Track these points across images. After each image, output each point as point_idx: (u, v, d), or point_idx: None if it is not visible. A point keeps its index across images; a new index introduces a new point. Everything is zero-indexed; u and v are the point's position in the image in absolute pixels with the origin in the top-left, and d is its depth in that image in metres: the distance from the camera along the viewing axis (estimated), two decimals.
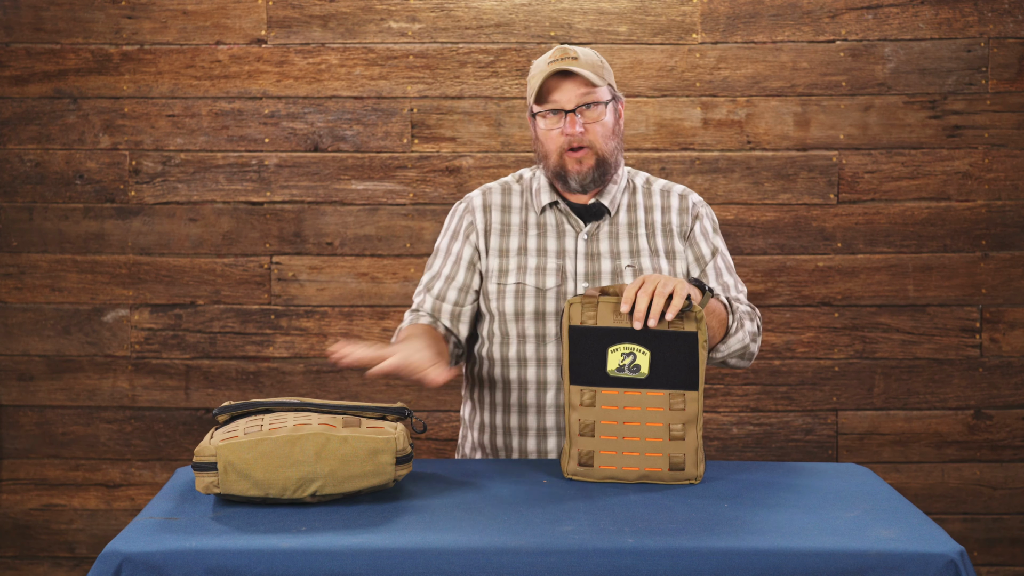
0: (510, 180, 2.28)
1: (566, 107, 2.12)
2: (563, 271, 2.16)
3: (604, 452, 1.84)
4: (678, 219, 2.22)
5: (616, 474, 1.85)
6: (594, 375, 1.84)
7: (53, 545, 3.30)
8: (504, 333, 2.18)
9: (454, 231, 2.25)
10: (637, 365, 1.83)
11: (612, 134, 2.16)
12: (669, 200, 2.24)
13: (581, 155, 2.13)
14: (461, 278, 2.20)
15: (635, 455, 1.83)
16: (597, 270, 2.17)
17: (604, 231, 2.20)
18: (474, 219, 2.23)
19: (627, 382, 1.83)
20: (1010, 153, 3.22)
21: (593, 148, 2.13)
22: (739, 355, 2.15)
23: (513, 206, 2.24)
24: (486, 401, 2.22)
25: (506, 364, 2.18)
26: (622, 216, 2.21)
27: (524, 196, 2.24)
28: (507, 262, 2.19)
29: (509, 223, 2.22)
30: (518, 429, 2.19)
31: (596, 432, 1.84)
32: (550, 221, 2.21)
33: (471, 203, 2.25)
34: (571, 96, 2.12)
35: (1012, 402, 3.24)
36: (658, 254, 2.19)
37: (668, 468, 1.83)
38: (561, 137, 2.13)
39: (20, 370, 3.28)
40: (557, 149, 2.14)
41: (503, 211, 2.23)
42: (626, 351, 1.84)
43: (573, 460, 1.86)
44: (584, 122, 2.12)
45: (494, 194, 2.25)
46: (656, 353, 1.83)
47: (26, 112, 3.26)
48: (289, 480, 1.68)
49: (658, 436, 1.83)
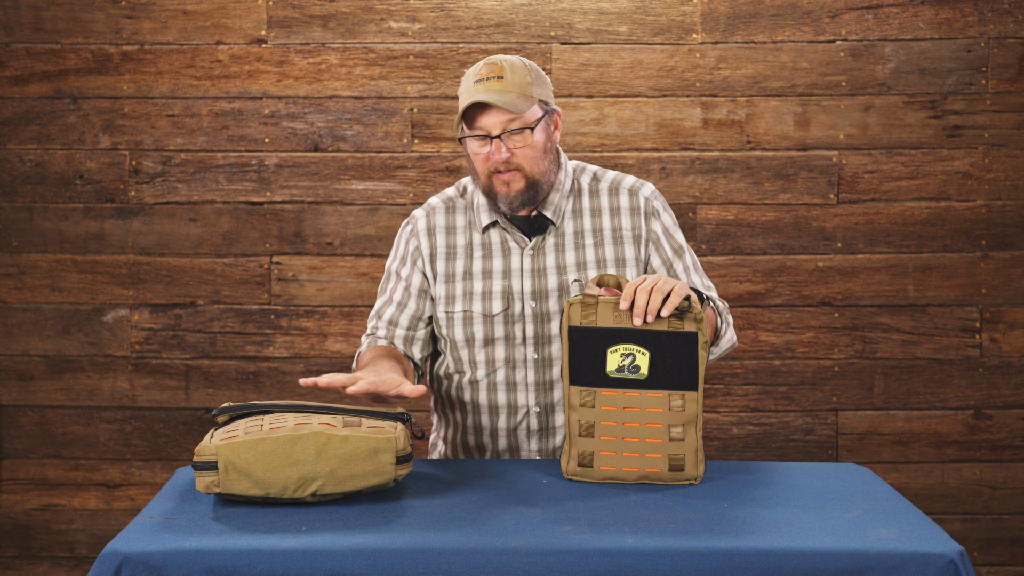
0: (454, 195, 2.23)
1: (491, 132, 2.06)
2: (509, 293, 2.13)
3: (604, 453, 1.84)
4: (629, 222, 2.17)
5: (616, 475, 1.84)
6: (594, 376, 1.84)
7: (53, 545, 3.30)
8: (457, 359, 2.18)
9: (402, 257, 2.22)
10: (637, 366, 1.83)
11: (543, 154, 2.09)
12: (618, 199, 2.18)
13: (508, 177, 2.07)
14: (412, 306, 2.19)
15: (635, 455, 1.83)
16: (543, 288, 2.13)
17: (550, 244, 2.15)
18: (419, 243, 2.20)
19: (627, 383, 1.83)
20: (1010, 153, 3.22)
21: (521, 171, 2.07)
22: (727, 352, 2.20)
23: (457, 226, 2.20)
24: (450, 419, 2.23)
25: (460, 388, 2.19)
26: (567, 225, 2.16)
27: (467, 213, 2.20)
28: (454, 288, 2.16)
29: (454, 245, 2.19)
30: (476, 448, 2.20)
31: (596, 433, 1.84)
32: (495, 239, 2.17)
33: (415, 226, 2.21)
34: (496, 122, 2.05)
35: (1012, 402, 3.24)
36: (605, 264, 2.15)
37: (668, 468, 1.83)
38: (489, 160, 2.08)
39: (20, 370, 3.28)
40: (486, 171, 2.09)
41: (447, 233, 2.19)
42: (625, 352, 1.84)
43: (573, 460, 1.86)
44: (511, 147, 2.06)
45: (437, 215, 2.21)
46: (656, 354, 1.83)
47: (26, 112, 3.26)
48: (290, 479, 1.68)
49: (658, 437, 1.83)
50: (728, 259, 3.23)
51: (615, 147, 3.23)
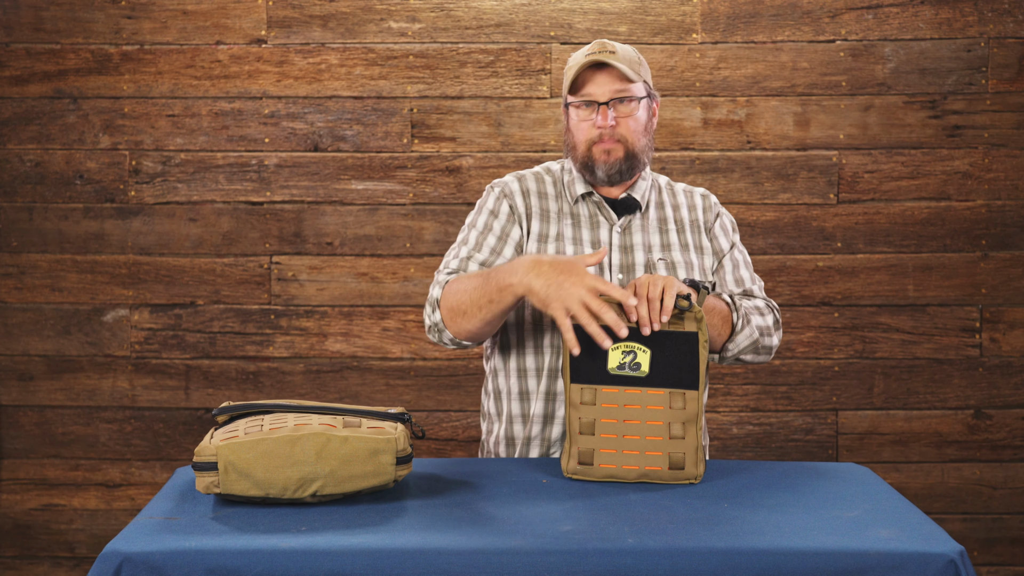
0: (540, 170, 2.27)
1: (599, 99, 2.12)
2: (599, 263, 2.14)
3: (604, 451, 1.85)
4: (703, 216, 2.25)
5: (616, 473, 1.85)
6: (595, 373, 1.85)
7: (53, 545, 3.30)
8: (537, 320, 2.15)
9: (493, 210, 2.20)
10: (638, 363, 1.84)
11: (644, 131, 2.17)
12: (693, 199, 2.27)
13: (609, 146, 2.13)
14: (509, 254, 2.16)
15: (635, 454, 1.84)
16: (631, 262, 2.17)
17: (636, 224, 2.20)
18: (514, 203, 2.20)
19: (628, 380, 1.84)
20: (1010, 153, 3.22)
21: (624, 142, 2.14)
22: (751, 351, 2.15)
23: (549, 194, 2.22)
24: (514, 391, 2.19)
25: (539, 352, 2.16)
26: (651, 212, 2.23)
27: (557, 186, 2.24)
28: (545, 247, 2.17)
29: (548, 209, 2.21)
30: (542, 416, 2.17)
31: (596, 431, 1.85)
32: (584, 212, 2.20)
33: (508, 187, 2.22)
34: (605, 89, 2.12)
35: (1012, 402, 3.24)
36: (688, 248, 2.21)
37: (668, 467, 1.84)
38: (592, 129, 2.13)
39: (20, 370, 3.28)
40: (586, 140, 2.14)
41: (540, 197, 2.22)
42: (627, 349, 1.84)
43: (573, 459, 1.86)
44: (616, 116, 2.12)
45: (528, 181, 2.23)
46: (657, 352, 1.83)
47: (26, 112, 3.26)
48: (290, 480, 1.68)
49: (658, 435, 1.83)
50: None
51: None
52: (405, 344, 3.25)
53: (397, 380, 3.26)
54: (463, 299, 2.01)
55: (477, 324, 2.02)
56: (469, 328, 2.04)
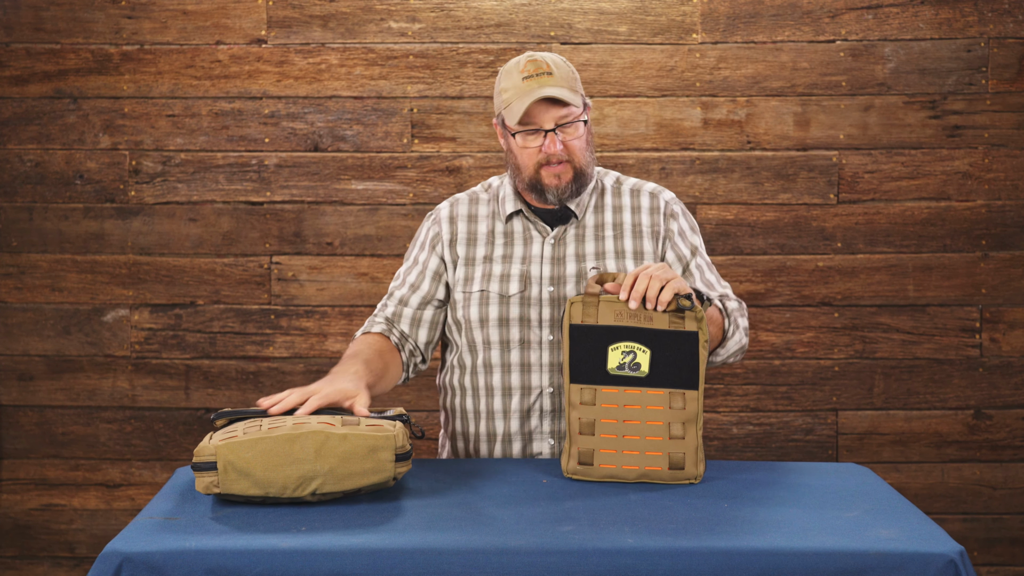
0: (478, 190, 2.29)
1: (545, 126, 2.12)
2: (527, 276, 2.18)
3: (604, 451, 1.85)
4: (648, 219, 2.22)
5: (616, 473, 1.85)
6: (594, 374, 1.85)
7: (53, 545, 3.30)
8: (471, 341, 2.20)
9: (422, 242, 2.27)
10: (637, 363, 1.84)
11: (587, 146, 2.16)
12: (639, 200, 2.24)
13: (559, 170, 2.13)
14: (425, 287, 2.23)
15: (635, 454, 1.84)
16: (562, 273, 2.18)
17: (571, 235, 2.21)
18: (440, 230, 2.24)
19: (627, 380, 1.84)
20: (1010, 153, 3.22)
21: (571, 162, 2.14)
22: (737, 355, 2.19)
23: (480, 215, 2.25)
24: (460, 410, 2.24)
25: (474, 372, 2.20)
26: (588, 218, 2.22)
27: (491, 205, 2.25)
28: (472, 271, 2.21)
29: (475, 232, 2.23)
30: (486, 435, 2.20)
31: (596, 431, 1.85)
32: (516, 229, 2.22)
33: (438, 215, 2.27)
34: (549, 116, 2.11)
35: (1012, 402, 3.24)
36: (624, 255, 2.19)
37: (668, 467, 1.84)
38: (539, 153, 2.13)
39: (20, 370, 3.28)
40: (534, 164, 2.14)
41: (469, 221, 2.24)
42: (627, 349, 1.84)
43: (573, 459, 1.86)
44: (563, 139, 2.12)
45: (460, 205, 2.27)
46: (656, 352, 1.83)
47: (26, 112, 3.26)
48: (289, 478, 1.68)
49: (658, 435, 1.83)
50: (728, 259, 3.23)
51: (615, 147, 3.23)
52: None
53: None
54: None
55: None
56: None
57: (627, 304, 1.85)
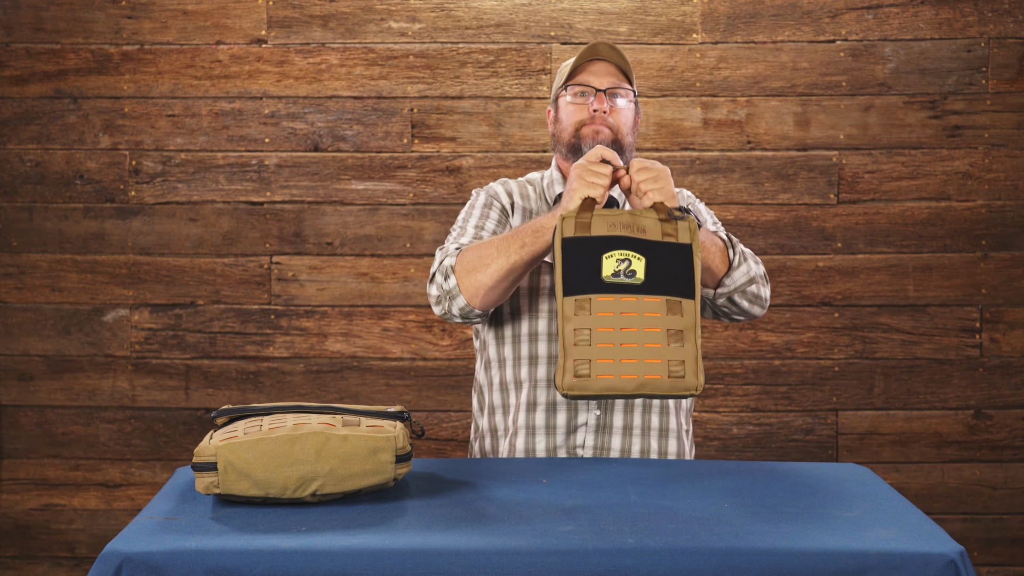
0: (523, 181, 2.33)
1: (597, 86, 2.16)
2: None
3: (601, 361, 1.77)
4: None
5: (614, 384, 1.77)
6: (588, 283, 1.79)
7: (53, 545, 3.30)
8: (516, 307, 2.18)
9: (485, 203, 2.25)
10: (633, 271, 1.79)
11: (632, 128, 2.20)
12: None
13: (600, 127, 2.15)
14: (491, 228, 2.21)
15: (633, 362, 1.77)
16: None
17: None
18: (502, 202, 2.26)
19: (623, 288, 1.78)
20: (1010, 153, 3.22)
21: (614, 129, 2.16)
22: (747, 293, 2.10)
23: (530, 196, 2.28)
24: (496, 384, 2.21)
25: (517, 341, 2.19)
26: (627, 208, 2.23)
27: (537, 189, 2.29)
28: None
29: (529, 209, 2.26)
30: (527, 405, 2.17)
31: (592, 340, 1.77)
32: None
33: (493, 189, 2.28)
34: (604, 79, 2.17)
35: (1012, 402, 3.24)
36: None
37: (667, 375, 1.77)
38: (583, 111, 2.16)
39: (20, 370, 3.28)
40: (576, 122, 2.17)
41: (523, 199, 2.27)
42: (621, 257, 1.79)
43: (569, 373, 1.78)
44: (611, 106, 2.16)
45: (512, 186, 2.30)
46: (652, 260, 1.79)
47: (26, 112, 3.26)
48: (289, 479, 1.68)
49: (656, 342, 1.77)
50: None
51: None
52: (405, 344, 3.25)
53: (397, 380, 3.26)
54: (486, 253, 2.01)
55: (497, 279, 2.01)
56: (488, 284, 2.02)
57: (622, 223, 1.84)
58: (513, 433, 2.19)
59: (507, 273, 2.01)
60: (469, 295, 2.04)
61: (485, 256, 2.02)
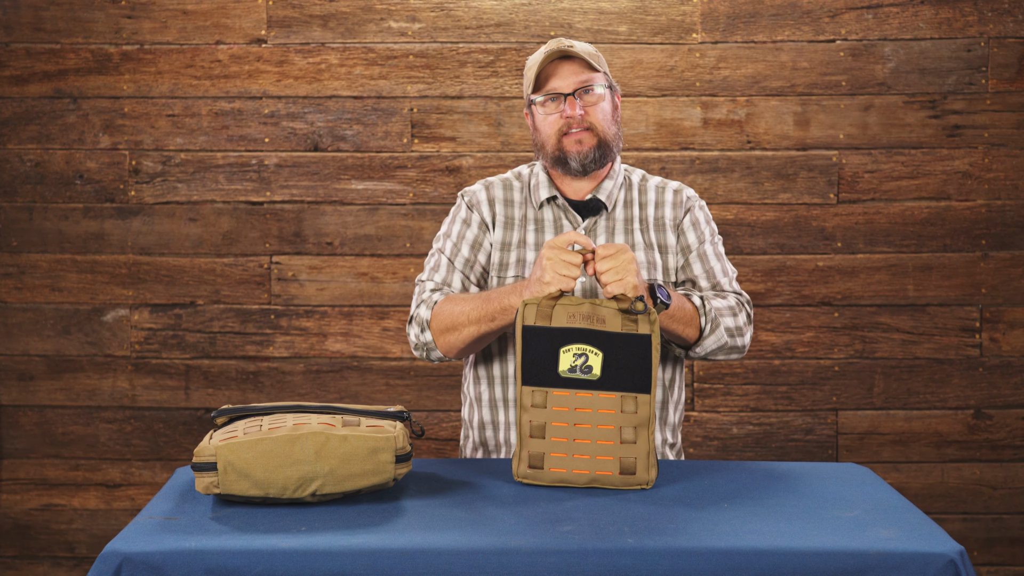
0: (510, 176, 2.29)
1: (564, 91, 2.13)
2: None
3: (554, 454, 1.81)
4: (671, 213, 2.24)
5: (566, 477, 1.81)
6: (545, 376, 1.82)
7: (53, 545, 3.30)
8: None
9: (464, 219, 2.25)
10: (589, 366, 1.81)
11: (612, 119, 2.17)
12: (663, 195, 2.26)
13: (580, 136, 2.14)
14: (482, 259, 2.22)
15: (585, 458, 1.80)
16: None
17: (601, 226, 2.22)
18: (481, 213, 2.24)
19: (579, 383, 1.81)
20: (1010, 153, 3.22)
21: (594, 130, 2.15)
22: (724, 352, 2.16)
23: (514, 200, 2.25)
24: (484, 398, 2.23)
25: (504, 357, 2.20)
26: (618, 212, 2.23)
27: (523, 191, 2.26)
28: (508, 256, 2.21)
29: (511, 216, 2.24)
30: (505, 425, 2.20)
31: (547, 434, 1.81)
32: (548, 216, 2.22)
33: (475, 197, 2.26)
34: (569, 81, 2.13)
35: (1012, 402, 3.24)
36: (652, 247, 2.21)
37: (619, 472, 1.80)
38: (560, 120, 2.14)
39: (20, 370, 3.28)
40: (555, 133, 2.15)
41: (505, 205, 2.25)
42: (578, 352, 1.81)
43: (523, 462, 1.83)
44: (583, 104, 2.13)
45: (495, 188, 2.27)
46: (609, 355, 1.80)
47: (26, 112, 3.26)
48: (289, 479, 1.68)
49: (609, 439, 1.80)
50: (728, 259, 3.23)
51: None
52: (405, 344, 3.25)
53: (397, 380, 3.26)
54: (459, 319, 2.09)
55: (468, 342, 2.10)
56: (459, 346, 2.12)
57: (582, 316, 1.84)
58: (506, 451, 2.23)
59: (478, 339, 2.10)
60: (444, 350, 2.15)
61: (457, 321, 2.09)
